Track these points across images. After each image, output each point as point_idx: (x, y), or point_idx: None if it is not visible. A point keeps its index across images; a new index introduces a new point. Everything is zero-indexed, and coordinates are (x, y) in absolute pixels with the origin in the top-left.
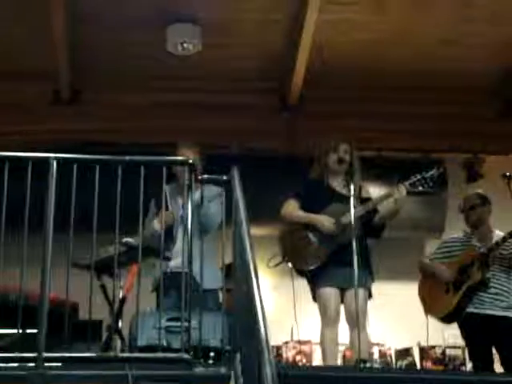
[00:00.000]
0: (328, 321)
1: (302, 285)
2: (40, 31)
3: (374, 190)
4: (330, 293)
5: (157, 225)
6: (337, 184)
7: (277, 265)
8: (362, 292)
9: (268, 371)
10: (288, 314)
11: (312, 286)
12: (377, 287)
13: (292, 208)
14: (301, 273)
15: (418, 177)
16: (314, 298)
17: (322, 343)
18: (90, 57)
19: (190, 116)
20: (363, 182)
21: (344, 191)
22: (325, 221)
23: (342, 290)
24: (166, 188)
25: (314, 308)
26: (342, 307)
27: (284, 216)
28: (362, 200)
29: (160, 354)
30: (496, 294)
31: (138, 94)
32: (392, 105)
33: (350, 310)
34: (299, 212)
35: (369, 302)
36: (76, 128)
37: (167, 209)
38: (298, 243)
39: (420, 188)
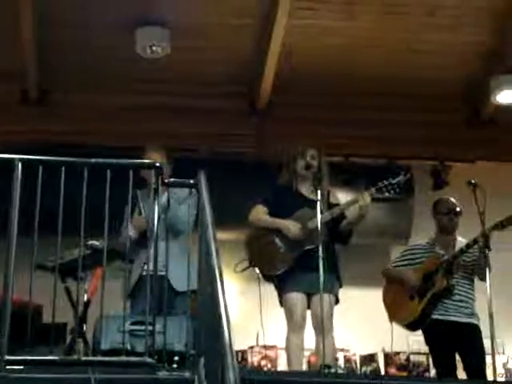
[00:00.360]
0: (294, 326)
1: (269, 290)
2: (8, 31)
3: (342, 196)
4: (296, 298)
5: (130, 230)
6: (305, 189)
7: (244, 270)
8: (328, 297)
9: (231, 376)
10: (254, 318)
11: (279, 291)
12: (342, 293)
13: (259, 213)
14: (268, 278)
15: (385, 183)
16: (281, 303)
17: (287, 348)
18: (58, 58)
19: (158, 119)
20: (331, 187)
21: (312, 196)
22: (291, 226)
23: (309, 296)
24: (139, 193)
25: (279, 313)
26: (308, 312)
27: (251, 221)
28: (330, 205)
29: (123, 358)
30: (460, 301)
31: (106, 96)
32: (360, 111)
33: (316, 315)
34: (266, 217)
35: (335, 308)
36: (43, 129)
37: (140, 213)
38: (265, 248)
39: (386, 194)
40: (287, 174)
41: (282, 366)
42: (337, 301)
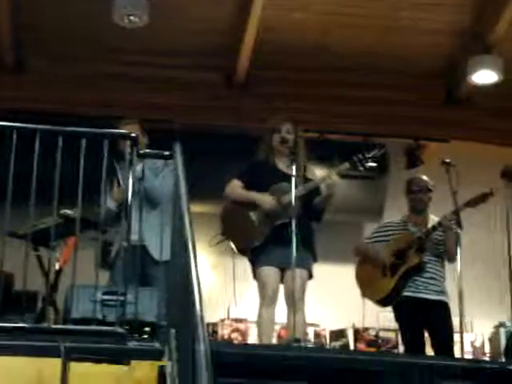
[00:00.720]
0: (266, 300)
1: (240, 264)
2: None
3: (318, 172)
4: (268, 272)
5: (109, 202)
6: (282, 164)
7: (218, 243)
8: (301, 272)
9: (201, 347)
10: (225, 292)
11: (252, 265)
12: (314, 268)
13: (235, 187)
14: (242, 252)
15: (360, 156)
16: (255, 277)
17: (258, 322)
18: (34, 25)
19: (134, 89)
20: (308, 162)
21: (288, 171)
22: (265, 199)
23: (283, 270)
24: (117, 166)
25: (250, 287)
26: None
27: (227, 195)
28: (307, 180)
29: (94, 327)
30: (430, 278)
31: (82, 64)
32: (336, 87)
33: (288, 289)
34: (242, 191)
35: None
36: (17, 96)
37: (119, 185)
38: (239, 222)
39: (361, 168)
40: (264, 148)
41: (253, 339)
42: (310, 276)
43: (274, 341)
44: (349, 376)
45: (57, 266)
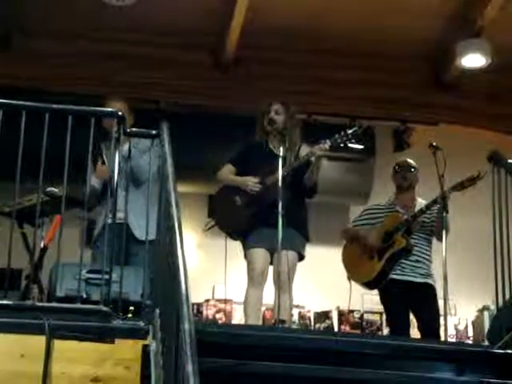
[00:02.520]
0: (253, 281)
1: (228, 244)
2: None
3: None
4: (257, 253)
5: (93, 180)
6: (274, 145)
7: (210, 228)
8: (290, 254)
9: (186, 326)
10: (210, 272)
11: (243, 246)
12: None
13: (225, 172)
14: (230, 235)
15: (342, 133)
16: (246, 257)
17: (245, 302)
18: (20, 2)
19: (121, 68)
20: (302, 142)
21: (279, 152)
22: (248, 181)
23: (273, 252)
24: (102, 145)
25: (235, 268)
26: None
27: (217, 179)
28: None
29: (78, 305)
30: (417, 261)
31: (70, 42)
32: (324, 69)
33: (276, 271)
34: (229, 175)
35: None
36: (4, 73)
37: (104, 163)
38: (226, 206)
39: (342, 145)
40: (258, 130)
41: (237, 319)
42: (301, 258)
43: (260, 322)
44: (333, 358)
45: (42, 244)
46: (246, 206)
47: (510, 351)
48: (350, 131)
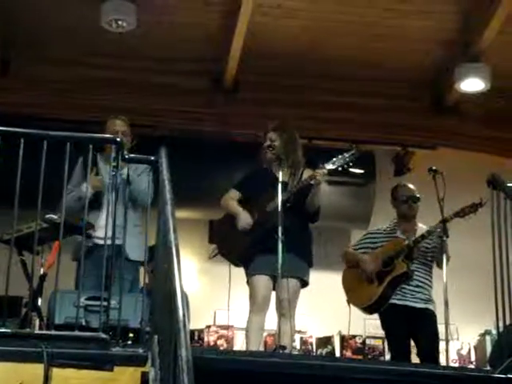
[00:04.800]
0: (255, 308)
1: (226, 271)
2: None
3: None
4: (259, 280)
5: (85, 187)
6: (277, 170)
7: (214, 256)
8: (290, 281)
9: (183, 353)
10: (211, 298)
11: (246, 272)
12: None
13: (228, 198)
14: (232, 263)
15: (339, 156)
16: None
17: (247, 329)
18: (19, 29)
19: (121, 94)
20: (307, 168)
21: (284, 178)
22: (242, 217)
23: (275, 278)
24: (98, 156)
25: (237, 294)
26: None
27: (221, 205)
28: None
29: (77, 333)
30: (417, 286)
31: (68, 68)
32: (323, 94)
33: (278, 298)
34: (230, 202)
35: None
36: (4, 100)
37: (97, 174)
38: (228, 232)
39: (340, 168)
40: (262, 157)
41: (238, 346)
42: (304, 284)
43: (261, 348)
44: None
45: (41, 271)
46: (247, 232)
47: (511, 376)
48: (347, 154)
